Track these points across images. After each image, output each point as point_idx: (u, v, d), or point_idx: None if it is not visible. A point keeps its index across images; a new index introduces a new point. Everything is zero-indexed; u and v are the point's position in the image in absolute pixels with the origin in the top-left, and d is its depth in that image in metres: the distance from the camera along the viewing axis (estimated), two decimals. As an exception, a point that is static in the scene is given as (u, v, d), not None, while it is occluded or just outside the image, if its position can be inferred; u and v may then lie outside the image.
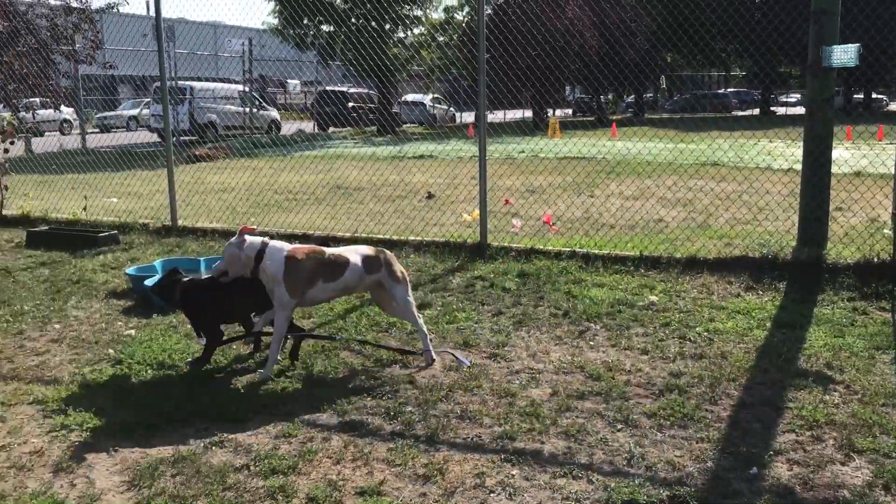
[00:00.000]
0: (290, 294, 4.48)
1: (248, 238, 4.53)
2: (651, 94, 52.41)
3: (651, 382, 4.40)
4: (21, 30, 14.08)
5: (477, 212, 9.57)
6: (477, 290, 6.37)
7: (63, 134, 29.55)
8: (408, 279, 4.86)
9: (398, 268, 4.80)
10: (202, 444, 3.71)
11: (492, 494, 3.24)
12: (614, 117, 39.88)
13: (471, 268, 7.12)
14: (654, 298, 6.00)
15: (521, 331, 5.36)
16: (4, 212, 10.12)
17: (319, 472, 3.43)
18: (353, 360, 4.81)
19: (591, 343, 5.09)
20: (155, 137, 26.90)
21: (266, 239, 4.59)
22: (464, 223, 9.24)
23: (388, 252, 4.85)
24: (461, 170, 13.49)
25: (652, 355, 4.84)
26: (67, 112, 31.52)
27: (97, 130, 35.19)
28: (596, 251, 7.36)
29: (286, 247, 4.56)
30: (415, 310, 4.82)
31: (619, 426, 3.85)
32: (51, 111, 19.41)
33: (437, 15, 36.32)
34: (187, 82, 27.36)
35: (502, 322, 5.54)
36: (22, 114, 13.81)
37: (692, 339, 5.12)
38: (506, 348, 5.00)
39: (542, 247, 7.60)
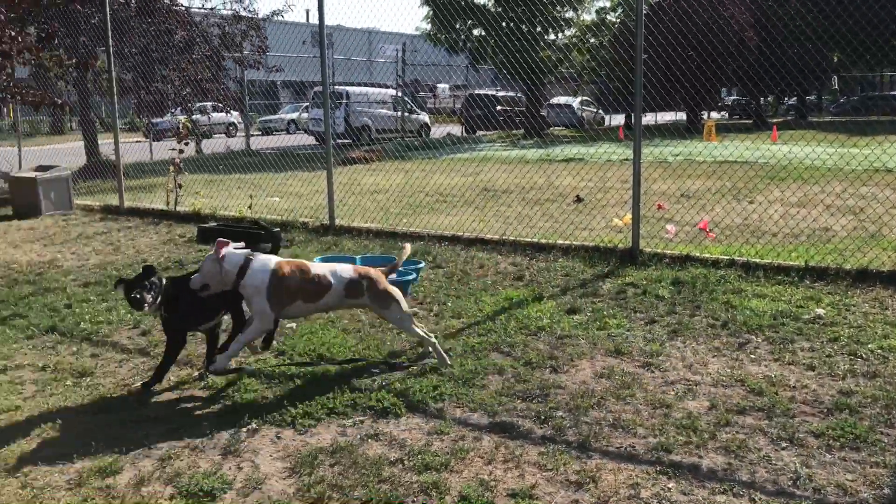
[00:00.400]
0: (272, 308, 4.42)
1: (226, 251, 4.41)
2: (814, 96, 49.44)
3: (818, 400, 4.15)
4: (196, 38, 15.08)
5: (628, 216, 9.36)
6: (628, 297, 6.23)
7: (229, 136, 31.45)
8: (398, 296, 4.62)
9: (384, 288, 4.58)
10: (358, 437, 3.83)
11: (647, 507, 3.16)
12: (773, 120, 37.92)
13: (622, 273, 6.97)
14: (820, 312, 5.65)
15: (676, 340, 5.19)
16: (178, 208, 10.86)
17: (471, 472, 3.46)
18: (502, 362, 4.82)
19: (752, 356, 4.86)
20: (312, 140, 28.10)
21: (249, 252, 4.48)
22: (614, 228, 9.06)
23: (373, 274, 4.61)
24: (611, 173, 13.24)
25: (819, 371, 4.56)
26: (233, 115, 33.48)
27: (259, 133, 37.16)
28: (757, 260, 7.02)
29: (272, 261, 4.47)
30: (412, 324, 4.67)
31: (784, 444, 3.65)
32: (222, 114, 20.68)
33: (589, 16, 35.88)
34: (343, 87, 28.39)
35: (656, 331, 5.38)
36: (196, 116, 14.77)
37: (864, 356, 4.78)
38: (660, 358, 4.86)
39: (698, 254, 7.33)
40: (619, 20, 34.79)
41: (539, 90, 30.74)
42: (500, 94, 33.84)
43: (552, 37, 34.29)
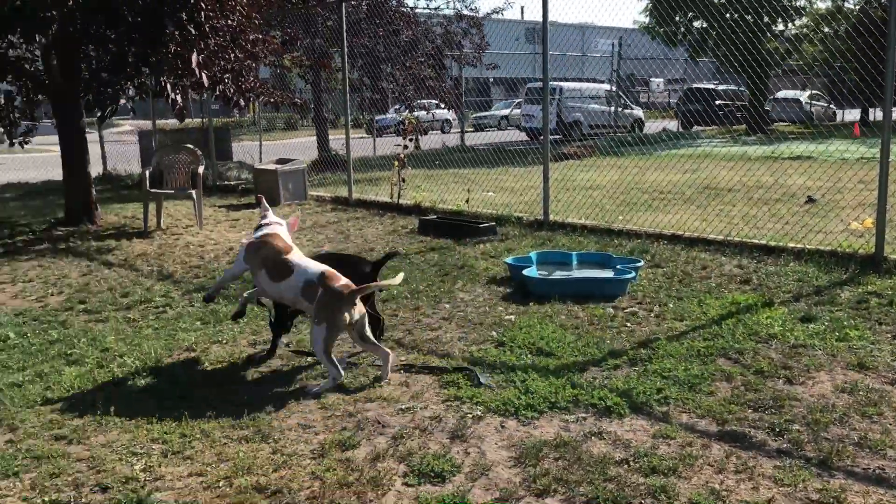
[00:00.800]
0: (245, 260, 4.91)
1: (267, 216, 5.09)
2: None
3: None
4: (420, 37, 15.70)
5: (869, 220, 8.63)
6: (871, 307, 5.73)
7: (443, 132, 32.45)
8: (334, 323, 4.48)
9: (327, 303, 4.50)
10: (581, 433, 3.83)
11: (901, 536, 2.90)
12: None
13: (863, 281, 6.43)
14: None
15: (931, 357, 4.71)
16: (400, 201, 11.38)
17: (700, 479, 3.35)
18: (730, 368, 4.62)
19: None
20: (524, 136, 28.31)
21: (274, 222, 5.04)
22: (853, 232, 8.37)
23: (335, 288, 4.51)
24: (845, 173, 12.20)
25: None
26: (448, 112, 34.50)
27: (472, 129, 38.04)
28: None
29: (268, 228, 4.95)
30: (324, 352, 4.51)
31: None
32: (442, 111, 21.36)
33: (824, 4, 33.25)
34: (556, 83, 28.34)
35: (906, 345, 4.92)
36: (419, 113, 15.39)
37: None
38: (912, 375, 4.44)
39: (956, 263, 6.61)
40: (858, 7, 31.94)
41: (763, 83, 29.00)
42: (720, 87, 32.29)
43: (780, 27, 32.19)
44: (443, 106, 19.21)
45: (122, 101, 9.90)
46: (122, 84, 9.56)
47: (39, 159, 21.86)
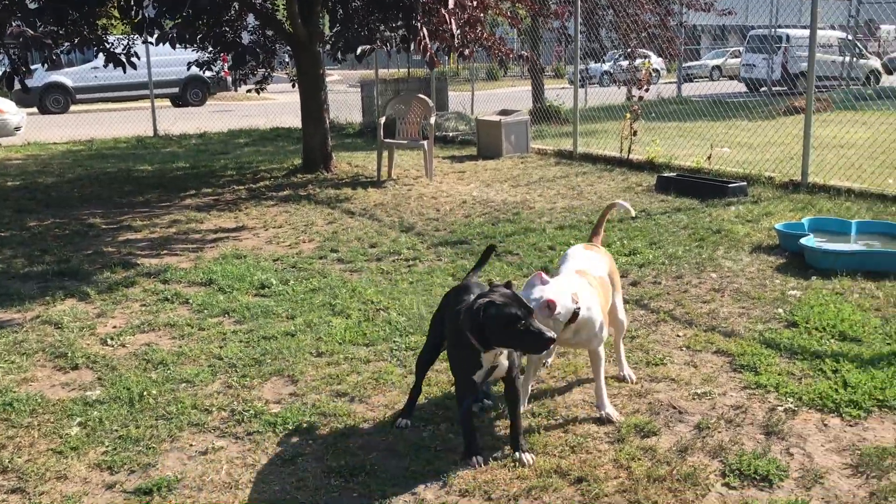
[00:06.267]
0: None
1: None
2: None
3: None
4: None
5: None
6: None
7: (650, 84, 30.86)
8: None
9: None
10: (931, 443, 3.26)
11: None
12: None
13: None
14: None
15: None
16: (631, 156, 10.78)
17: None
18: None
19: None
20: (742, 87, 26.37)
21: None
22: None
23: None
24: None
25: None
26: (657, 62, 32.79)
27: (681, 80, 36.03)
28: None
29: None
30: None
31: None
32: (659, 60, 20.23)
33: None
34: (784, 30, 26.09)
35: None
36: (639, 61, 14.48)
37: None
38: None
39: None
40: None
41: None
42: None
43: None
44: (665, 55, 18.12)
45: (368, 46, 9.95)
46: (377, 27, 9.63)
47: (263, 106, 23.03)
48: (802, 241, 5.86)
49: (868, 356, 4.11)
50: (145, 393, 3.95)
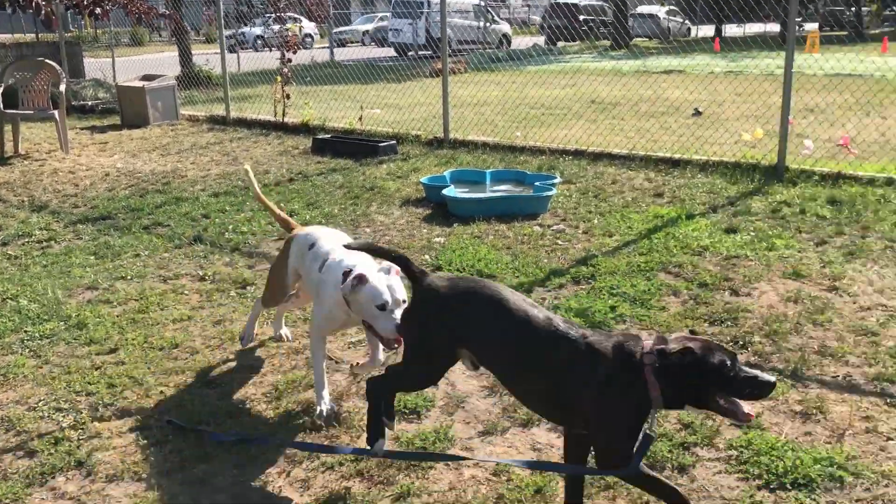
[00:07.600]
0: None
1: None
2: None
3: None
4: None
5: (760, 130, 8.89)
6: (786, 216, 5.88)
7: (304, 48, 31.04)
8: None
9: None
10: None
11: (890, 441, 2.94)
12: (874, 31, 35.61)
13: (769, 191, 6.60)
14: None
15: (855, 263, 4.86)
16: (286, 119, 10.74)
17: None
18: (674, 283, 4.60)
19: (948, 282, 4.52)
20: (391, 52, 27.55)
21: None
22: (746, 143, 8.60)
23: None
24: (719, 86, 12.56)
25: None
26: (309, 27, 33.00)
27: (333, 45, 36.67)
28: (918, 179, 6.56)
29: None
30: None
31: None
32: (311, 25, 20.24)
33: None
34: (424, -4, 27.62)
35: (830, 252, 5.06)
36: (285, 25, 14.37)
37: None
38: (844, 281, 4.56)
39: (851, 171, 6.90)
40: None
41: (625, -1, 29.47)
42: (583, 2, 32.54)
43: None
44: (315, 18, 18.25)
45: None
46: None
47: None
48: (444, 191, 6.29)
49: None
50: None
